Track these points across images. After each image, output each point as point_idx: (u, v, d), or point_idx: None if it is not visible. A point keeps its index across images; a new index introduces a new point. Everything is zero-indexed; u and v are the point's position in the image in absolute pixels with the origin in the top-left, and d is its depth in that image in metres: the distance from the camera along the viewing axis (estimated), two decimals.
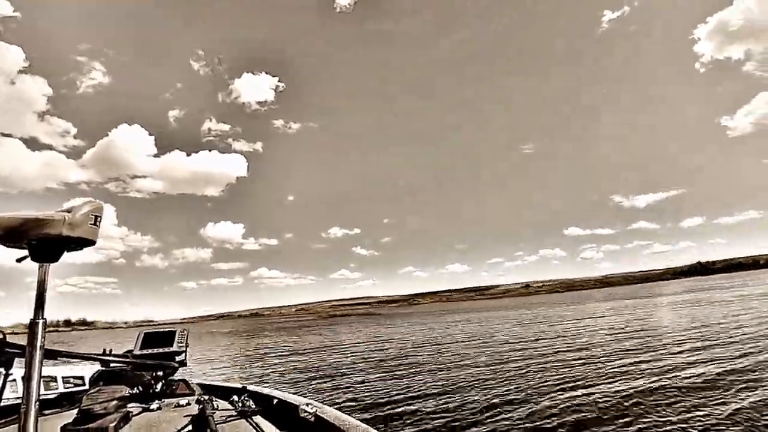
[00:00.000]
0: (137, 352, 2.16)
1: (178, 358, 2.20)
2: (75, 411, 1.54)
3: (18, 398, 1.08)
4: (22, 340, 0.98)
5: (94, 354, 1.73)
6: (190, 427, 1.48)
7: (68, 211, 0.93)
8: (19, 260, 0.95)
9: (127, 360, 1.96)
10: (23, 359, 0.92)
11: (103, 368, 1.97)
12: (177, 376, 2.22)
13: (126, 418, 1.58)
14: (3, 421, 1.62)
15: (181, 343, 2.25)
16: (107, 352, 1.93)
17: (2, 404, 1.28)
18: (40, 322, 0.91)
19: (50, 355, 1.22)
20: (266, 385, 8.17)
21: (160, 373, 2.06)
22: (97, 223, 0.96)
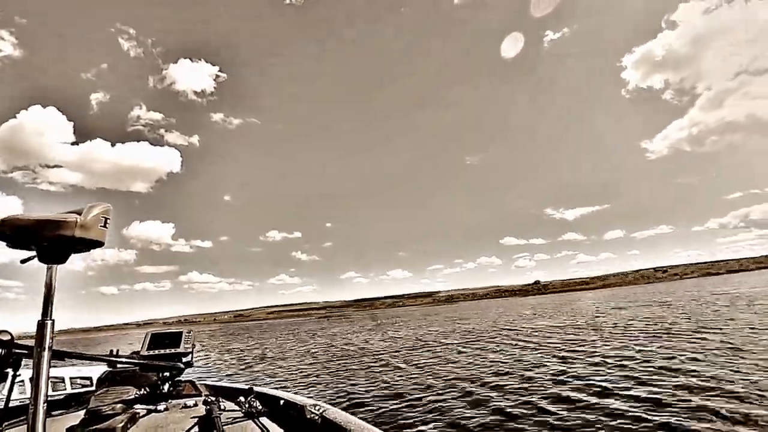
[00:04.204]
0: (144, 353, 2.17)
1: (185, 359, 2.21)
2: (82, 412, 1.55)
3: (26, 399, 1.09)
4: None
5: (102, 355, 1.74)
6: (197, 428, 1.49)
7: (77, 212, 0.94)
8: (23, 261, 0.95)
9: (135, 361, 1.97)
10: (31, 360, 0.92)
11: (111, 369, 1.98)
12: (184, 377, 2.23)
13: (133, 419, 1.59)
14: (12, 421, 1.63)
15: (188, 344, 2.26)
16: (114, 353, 1.94)
17: (11, 405, 1.29)
18: (49, 323, 0.91)
19: (58, 355, 1.23)
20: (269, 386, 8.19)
21: (167, 374, 2.07)
22: (107, 225, 0.98)
